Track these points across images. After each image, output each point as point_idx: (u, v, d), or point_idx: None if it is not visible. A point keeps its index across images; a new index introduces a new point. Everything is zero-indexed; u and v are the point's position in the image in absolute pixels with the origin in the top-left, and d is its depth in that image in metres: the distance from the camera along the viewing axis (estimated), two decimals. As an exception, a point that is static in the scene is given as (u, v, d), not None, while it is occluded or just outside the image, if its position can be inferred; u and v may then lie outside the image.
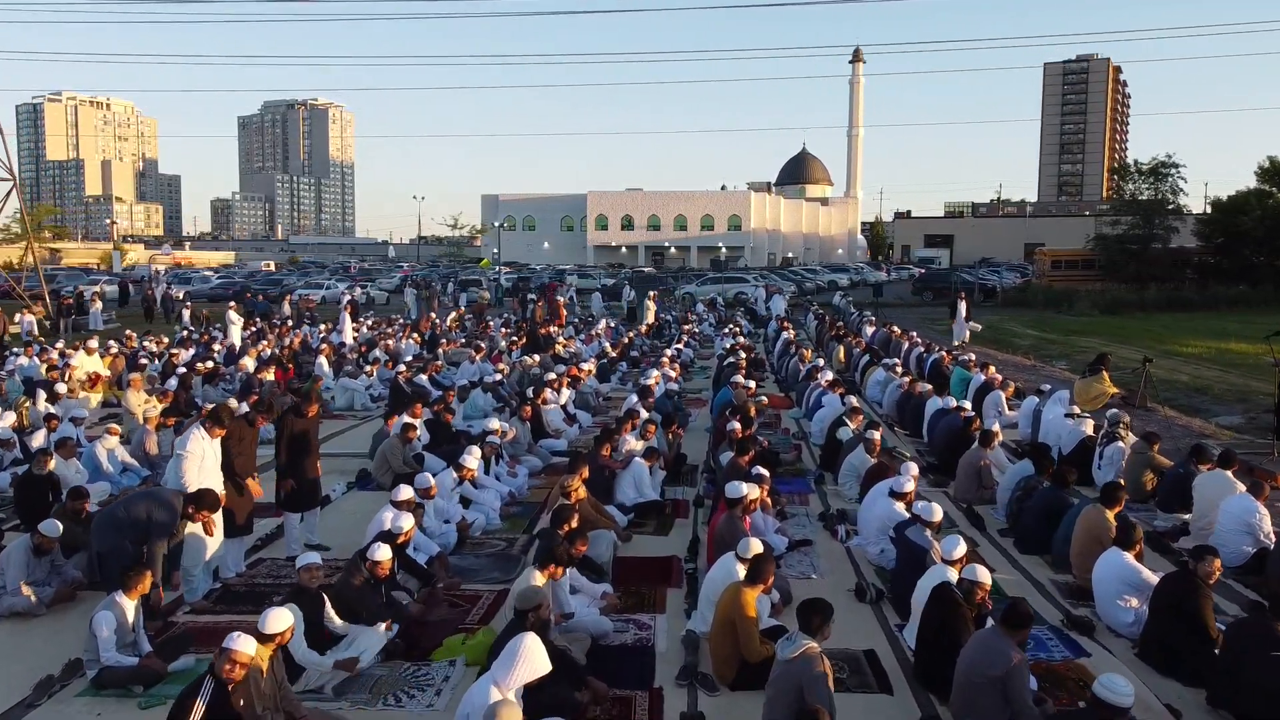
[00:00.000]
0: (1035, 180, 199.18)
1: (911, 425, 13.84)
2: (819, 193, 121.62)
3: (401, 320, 33.05)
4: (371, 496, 10.62)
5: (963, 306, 26.11)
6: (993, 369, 16.17)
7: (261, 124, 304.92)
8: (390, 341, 24.73)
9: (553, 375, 14.34)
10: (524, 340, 26.02)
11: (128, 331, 29.15)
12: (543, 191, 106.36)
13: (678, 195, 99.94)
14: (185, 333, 28.17)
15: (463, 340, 24.94)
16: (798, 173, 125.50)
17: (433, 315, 30.84)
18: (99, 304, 36.98)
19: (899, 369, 16.69)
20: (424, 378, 17.19)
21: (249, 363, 19.37)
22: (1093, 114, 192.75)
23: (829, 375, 15.35)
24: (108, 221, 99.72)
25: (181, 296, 52.08)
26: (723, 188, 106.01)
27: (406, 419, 11.26)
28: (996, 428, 10.75)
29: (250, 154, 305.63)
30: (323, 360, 19.98)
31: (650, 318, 30.75)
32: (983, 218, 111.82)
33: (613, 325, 29.42)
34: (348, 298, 35.68)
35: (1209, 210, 53.40)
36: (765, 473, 8.65)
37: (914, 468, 8.70)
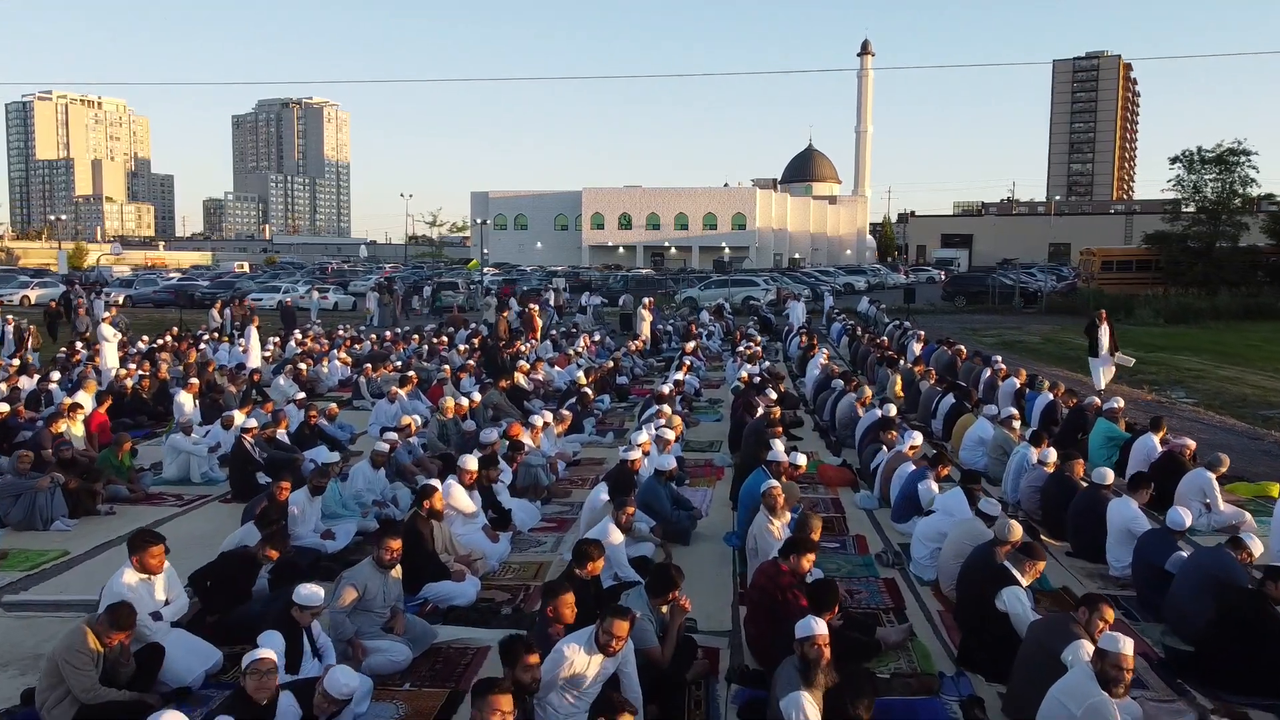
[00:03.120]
0: (1044, 179, 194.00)
1: (1078, 536, 8.13)
2: (826, 190, 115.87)
3: (349, 331, 27.19)
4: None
5: (1105, 333, 17.90)
6: (1165, 427, 10.45)
7: (255, 123, 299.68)
8: (305, 364, 19.03)
9: (471, 462, 8.44)
10: (479, 357, 20.38)
11: (-10, 349, 23.56)
12: (536, 188, 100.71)
13: (679, 192, 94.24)
14: (63, 352, 22.53)
15: (398, 363, 19.13)
16: (804, 169, 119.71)
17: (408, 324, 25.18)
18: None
19: (1017, 424, 10.88)
20: (282, 433, 11.46)
21: (84, 399, 13.70)
22: (1103, 112, 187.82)
23: (915, 439, 9.64)
24: (52, 218, 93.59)
25: (119, 303, 46.59)
26: (725, 185, 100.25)
27: (128, 574, 5.56)
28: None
29: (244, 153, 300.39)
30: (183, 400, 14.22)
31: (645, 331, 24.96)
32: (1004, 216, 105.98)
33: (598, 340, 23.66)
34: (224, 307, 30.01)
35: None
36: None
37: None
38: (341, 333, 26.57)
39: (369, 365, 17.60)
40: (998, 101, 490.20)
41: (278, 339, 23.96)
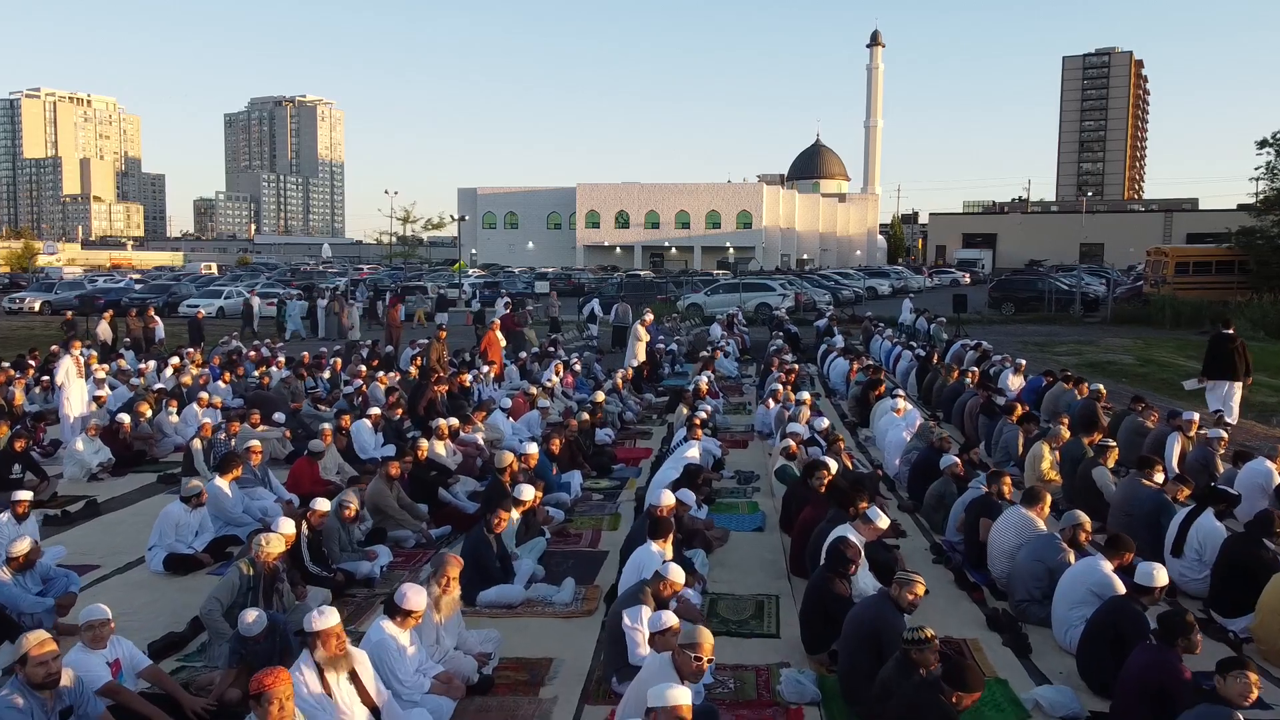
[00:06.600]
0: (1053, 178, 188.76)
1: None
2: (834, 188, 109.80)
3: (271, 348, 20.69)
4: None
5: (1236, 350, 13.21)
6: None
7: (248, 121, 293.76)
8: (145, 410, 12.84)
9: None
10: (395, 399, 14.17)
11: None
12: (527, 184, 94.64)
13: (679, 188, 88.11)
14: None
15: (280, 416, 12.84)
16: (811, 166, 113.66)
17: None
18: None
19: None
20: None
21: None
22: (1114, 110, 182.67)
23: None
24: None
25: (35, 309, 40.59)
26: (728, 182, 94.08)
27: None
28: None
29: (237, 152, 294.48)
30: None
31: (640, 354, 18.79)
32: (1029, 214, 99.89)
33: (577, 370, 17.37)
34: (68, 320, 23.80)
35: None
36: None
37: None
38: (260, 351, 20.10)
39: (208, 422, 11.35)
40: (1005, 99, 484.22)
41: (146, 365, 17.77)
